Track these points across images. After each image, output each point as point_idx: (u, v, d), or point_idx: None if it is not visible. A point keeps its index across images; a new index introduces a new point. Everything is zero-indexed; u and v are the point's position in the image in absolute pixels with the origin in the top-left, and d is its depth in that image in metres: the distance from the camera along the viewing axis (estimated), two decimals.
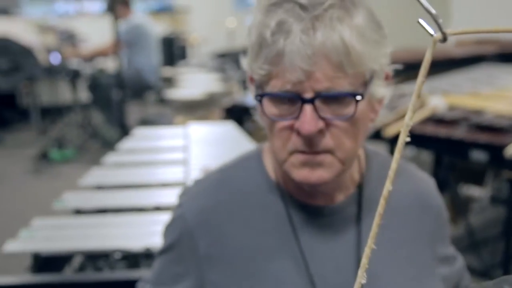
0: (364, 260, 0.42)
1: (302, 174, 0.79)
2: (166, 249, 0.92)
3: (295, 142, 0.78)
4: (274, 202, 0.88)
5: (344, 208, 0.88)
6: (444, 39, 0.41)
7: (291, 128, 0.77)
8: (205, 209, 0.89)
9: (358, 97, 0.75)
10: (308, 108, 0.75)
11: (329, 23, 0.72)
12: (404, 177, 0.95)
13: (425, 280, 0.90)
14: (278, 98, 0.76)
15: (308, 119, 0.75)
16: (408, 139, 0.40)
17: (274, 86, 0.75)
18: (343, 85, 0.74)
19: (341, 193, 0.88)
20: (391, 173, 0.40)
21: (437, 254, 0.93)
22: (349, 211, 0.88)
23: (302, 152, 0.78)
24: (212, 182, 0.93)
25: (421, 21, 0.40)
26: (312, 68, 0.72)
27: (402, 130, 0.40)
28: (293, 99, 0.75)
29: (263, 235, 0.87)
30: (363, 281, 0.43)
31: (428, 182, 0.98)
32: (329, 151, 0.78)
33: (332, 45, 0.72)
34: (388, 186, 0.40)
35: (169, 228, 0.93)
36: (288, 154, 0.79)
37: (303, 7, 0.73)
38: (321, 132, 0.76)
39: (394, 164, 0.40)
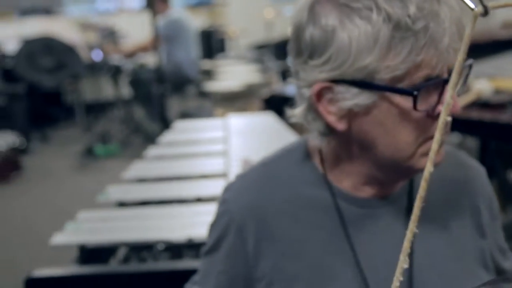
0: (406, 244, 0.41)
1: (434, 160, 0.77)
2: (212, 247, 0.91)
3: (432, 128, 0.75)
4: (322, 195, 0.86)
5: (395, 200, 0.86)
6: (486, 12, 0.39)
7: (428, 115, 0.74)
8: (251, 204, 0.87)
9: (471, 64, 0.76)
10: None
11: None
12: (454, 165, 0.92)
13: (477, 271, 0.87)
14: (424, 88, 0.71)
15: (456, 97, 0.73)
16: (449, 119, 0.39)
17: (418, 77, 0.71)
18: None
19: (396, 184, 0.86)
20: (431, 154, 0.38)
21: (490, 245, 0.90)
22: (400, 203, 0.86)
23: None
24: (256, 176, 0.92)
25: None
26: (457, 45, 0.70)
27: (443, 108, 0.38)
28: (437, 84, 0.72)
29: (312, 229, 0.85)
30: (406, 266, 0.42)
31: (479, 171, 0.94)
32: None
33: (460, 16, 0.70)
34: (429, 167, 0.39)
35: (215, 225, 0.91)
36: (417, 146, 0.76)
37: None
38: None
39: (434, 145, 0.38)
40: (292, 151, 0.92)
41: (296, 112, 0.82)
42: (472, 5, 0.39)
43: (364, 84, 0.72)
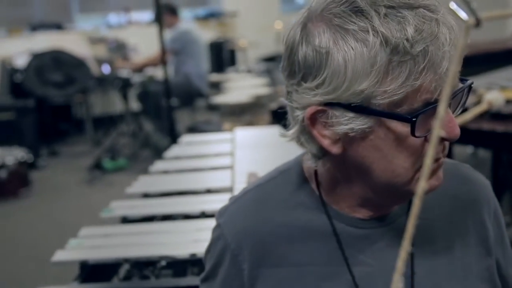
0: (400, 264, 0.38)
1: (430, 184, 0.75)
2: (209, 275, 0.88)
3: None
4: (318, 217, 0.83)
5: (393, 220, 0.83)
6: (478, 24, 0.36)
7: (426, 140, 0.72)
8: (246, 229, 0.84)
9: (471, 83, 0.74)
10: (449, 110, 0.71)
11: (447, 19, 0.68)
12: (457, 181, 0.89)
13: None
14: (423, 113, 0.68)
15: (455, 122, 0.70)
16: (443, 134, 0.36)
17: (416, 102, 0.68)
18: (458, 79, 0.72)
19: (394, 206, 0.83)
20: (425, 170, 0.35)
21: (497, 260, 0.87)
22: (399, 223, 0.83)
23: (436, 160, 0.74)
24: (250, 199, 0.88)
25: (452, 4, 0.36)
26: (458, 68, 0.69)
27: (436, 122, 0.35)
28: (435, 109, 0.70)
29: (309, 253, 0.82)
30: (400, 286, 0.38)
31: (483, 184, 0.91)
32: None
33: (459, 37, 0.68)
34: (422, 185, 0.35)
35: (210, 252, 0.89)
36: (415, 171, 0.73)
37: (428, 8, 0.68)
38: None
39: (428, 160, 0.35)
40: (286, 172, 0.89)
41: (289, 133, 0.79)
42: (464, 16, 0.37)
43: (360, 108, 0.69)
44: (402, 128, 0.69)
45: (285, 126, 0.81)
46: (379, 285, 0.79)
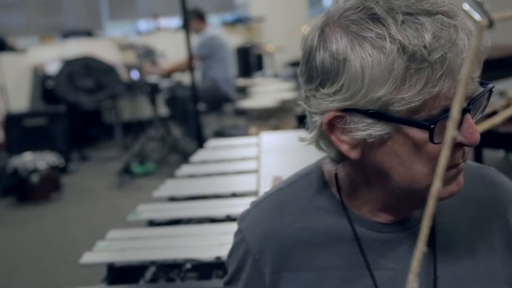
0: (415, 264, 0.38)
1: (450, 189, 0.74)
2: (231, 278, 0.89)
3: (449, 158, 0.71)
4: (339, 221, 0.83)
5: (415, 224, 0.82)
6: (491, 25, 0.36)
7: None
8: (267, 233, 0.85)
9: (492, 88, 0.73)
10: (469, 116, 0.70)
11: (466, 24, 0.68)
12: (481, 184, 0.87)
13: None
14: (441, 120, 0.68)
15: (475, 128, 0.70)
16: (462, 139, 0.36)
17: (435, 108, 0.67)
18: (477, 85, 0.71)
19: (415, 210, 0.82)
20: (439, 170, 0.35)
21: None
22: (420, 227, 0.82)
23: (455, 165, 0.73)
24: (271, 204, 0.89)
25: (465, 6, 0.36)
26: (476, 74, 0.68)
27: (449, 124, 0.35)
28: None
29: (330, 258, 0.82)
30: (416, 286, 0.39)
31: (508, 187, 0.89)
32: None
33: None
34: (436, 185, 0.35)
35: (232, 256, 0.89)
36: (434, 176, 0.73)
37: (446, 14, 0.67)
38: None
39: (442, 161, 0.35)
40: (307, 176, 0.89)
41: (308, 137, 0.80)
42: (478, 18, 0.37)
43: (378, 115, 0.69)
44: (421, 134, 0.69)
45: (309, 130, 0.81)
46: None
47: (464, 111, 0.69)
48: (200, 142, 4.01)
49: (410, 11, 0.67)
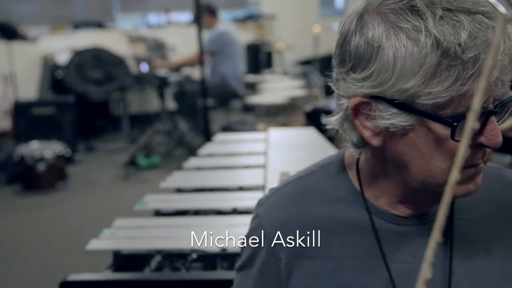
0: (429, 253, 0.38)
1: (466, 188, 0.75)
2: (246, 263, 0.90)
3: (470, 157, 0.73)
4: (357, 212, 0.83)
5: (434, 218, 0.82)
6: None
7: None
8: (284, 220, 0.86)
9: None
10: (494, 119, 0.70)
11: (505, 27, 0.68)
12: (500, 185, 0.88)
13: None
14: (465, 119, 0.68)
15: (498, 131, 0.70)
16: (477, 126, 0.36)
17: (461, 106, 0.68)
18: (507, 89, 0.71)
19: (433, 205, 0.83)
20: (458, 160, 0.35)
21: None
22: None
23: (475, 165, 0.74)
24: (290, 191, 0.89)
25: None
26: (507, 77, 0.68)
27: (470, 115, 0.35)
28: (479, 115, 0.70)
29: (346, 247, 0.82)
30: (429, 275, 0.39)
31: None
32: None
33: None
34: (454, 174, 0.35)
35: (248, 241, 0.90)
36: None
37: (487, 15, 0.67)
38: None
39: (462, 151, 0.35)
40: (328, 166, 0.90)
41: (332, 120, 0.81)
42: (503, 11, 0.37)
43: (403, 106, 0.70)
44: (443, 130, 0.69)
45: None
46: (415, 282, 0.79)
47: (490, 113, 0.69)
48: (207, 137, 4.02)
49: (450, 7, 0.67)
